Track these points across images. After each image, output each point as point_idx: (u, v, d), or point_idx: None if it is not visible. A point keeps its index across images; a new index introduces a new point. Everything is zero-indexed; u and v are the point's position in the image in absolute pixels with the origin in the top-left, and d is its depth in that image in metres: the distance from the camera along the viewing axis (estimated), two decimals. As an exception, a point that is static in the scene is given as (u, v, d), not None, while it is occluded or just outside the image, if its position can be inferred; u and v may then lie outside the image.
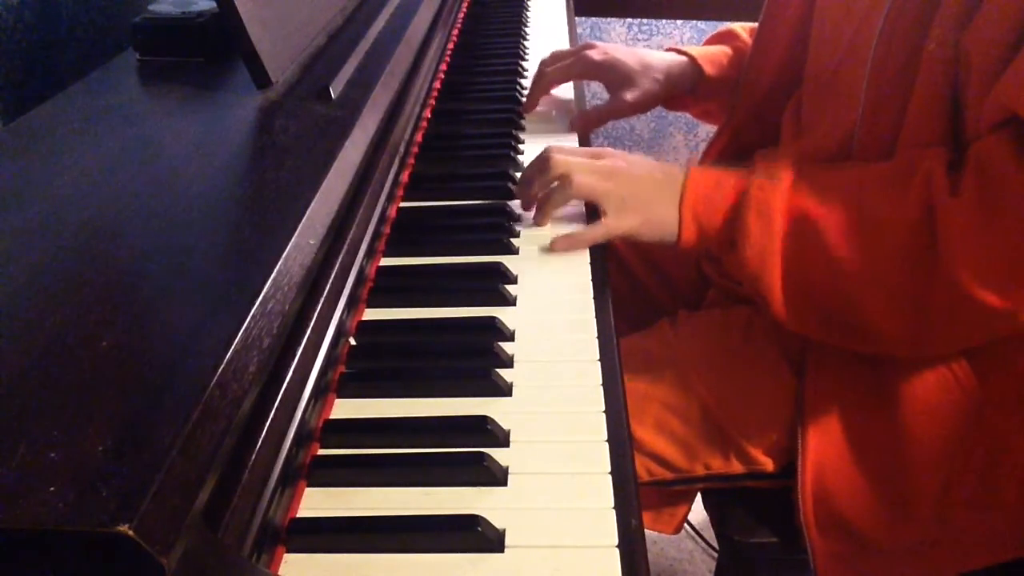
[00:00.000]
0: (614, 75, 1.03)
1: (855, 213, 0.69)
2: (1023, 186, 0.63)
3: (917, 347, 0.73)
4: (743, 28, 1.07)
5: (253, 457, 0.45)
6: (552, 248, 0.76)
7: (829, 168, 0.75)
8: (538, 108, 1.06)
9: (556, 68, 1.04)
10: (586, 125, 1.02)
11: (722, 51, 1.05)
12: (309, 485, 0.53)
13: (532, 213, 0.81)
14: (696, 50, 1.05)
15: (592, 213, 0.81)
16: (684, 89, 1.04)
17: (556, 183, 0.77)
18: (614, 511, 0.51)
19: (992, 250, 0.64)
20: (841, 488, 0.77)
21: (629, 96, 1.02)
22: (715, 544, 1.11)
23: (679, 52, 1.05)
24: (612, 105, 1.04)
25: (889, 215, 0.68)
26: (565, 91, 1.11)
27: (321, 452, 0.56)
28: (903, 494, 0.77)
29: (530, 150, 0.96)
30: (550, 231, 0.79)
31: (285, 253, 0.52)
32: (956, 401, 0.74)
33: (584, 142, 1.00)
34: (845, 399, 0.78)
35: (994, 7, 0.64)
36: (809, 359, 0.80)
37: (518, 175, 0.89)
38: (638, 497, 0.52)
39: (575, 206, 0.82)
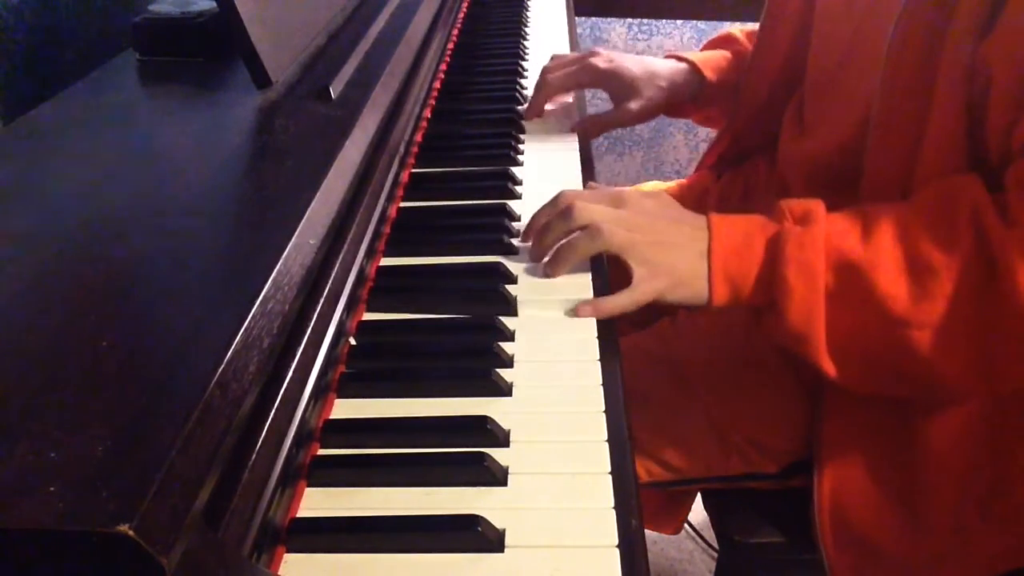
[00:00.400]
0: (619, 83, 1.01)
1: (904, 258, 0.65)
2: None
3: (988, 385, 0.68)
4: (741, 31, 1.07)
5: (253, 457, 0.45)
6: (577, 314, 0.68)
7: (861, 210, 0.70)
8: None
9: (560, 75, 1.02)
10: (587, 133, 1.01)
11: (722, 55, 1.05)
12: (309, 485, 0.53)
13: (542, 260, 0.74)
14: (696, 56, 1.04)
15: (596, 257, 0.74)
16: (686, 96, 1.04)
17: (581, 233, 0.70)
18: (614, 511, 0.51)
19: None
20: (858, 503, 0.77)
21: (634, 105, 1.01)
22: (715, 544, 1.11)
23: (679, 59, 1.05)
24: (616, 114, 1.02)
25: (941, 256, 0.64)
26: (565, 96, 1.11)
27: (321, 452, 0.56)
28: (920, 507, 0.76)
29: (530, 150, 0.96)
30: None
31: (285, 253, 0.52)
32: (973, 415, 0.74)
33: (583, 141, 1.00)
34: (863, 415, 0.77)
35: (1016, 18, 0.63)
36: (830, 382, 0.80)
37: (518, 175, 0.89)
38: (638, 497, 0.52)
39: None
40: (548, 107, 1.06)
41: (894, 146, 0.73)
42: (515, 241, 0.77)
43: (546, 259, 0.73)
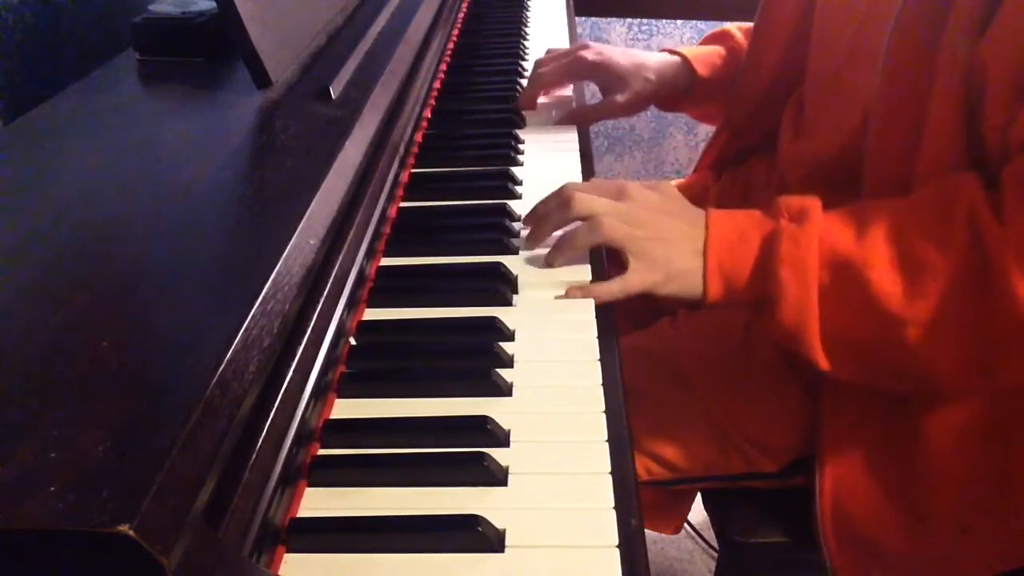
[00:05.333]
0: (607, 75, 1.03)
1: (899, 256, 0.65)
2: None
3: (984, 380, 0.68)
4: (738, 28, 1.07)
5: (253, 457, 0.45)
6: (566, 295, 0.70)
7: (858, 208, 0.70)
8: (539, 102, 1.06)
9: (551, 69, 1.04)
10: (576, 124, 1.02)
11: (716, 51, 1.05)
12: (309, 485, 0.53)
13: (537, 247, 0.76)
14: (689, 51, 1.05)
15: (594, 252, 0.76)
16: (677, 90, 1.05)
17: (582, 224, 0.72)
18: (614, 511, 0.51)
19: None
20: (859, 502, 0.77)
21: (621, 97, 1.02)
22: (715, 544, 1.11)
23: (672, 52, 1.05)
24: (604, 105, 1.04)
25: (937, 255, 0.64)
26: (565, 88, 1.11)
27: (321, 452, 0.56)
28: (922, 507, 0.76)
29: (530, 150, 0.96)
30: (553, 233, 0.76)
31: (285, 253, 0.52)
32: (974, 414, 0.74)
33: (583, 139, 1.00)
34: (863, 414, 0.77)
35: (1012, 18, 0.63)
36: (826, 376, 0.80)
37: (518, 175, 0.89)
38: (638, 497, 0.52)
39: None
40: (542, 100, 1.07)
41: (893, 146, 0.73)
42: (515, 241, 0.77)
43: (549, 250, 0.74)
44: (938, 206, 0.66)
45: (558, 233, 0.75)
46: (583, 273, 0.73)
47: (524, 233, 0.77)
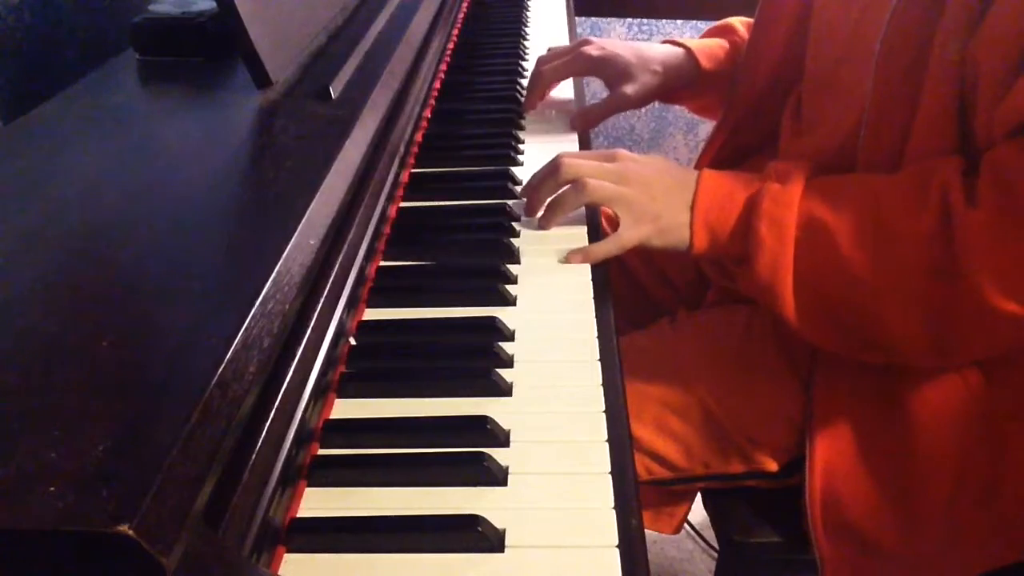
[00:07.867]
0: (612, 70, 1.02)
1: (870, 223, 0.68)
2: None
3: (939, 358, 0.71)
4: (741, 22, 1.07)
5: (253, 457, 0.45)
6: (567, 261, 0.75)
7: (842, 176, 0.74)
8: (537, 108, 1.06)
9: (553, 66, 1.04)
10: (586, 123, 1.02)
11: (719, 44, 1.05)
12: (309, 485, 0.53)
13: (535, 215, 0.80)
14: (692, 42, 1.05)
15: (592, 215, 0.81)
16: (681, 82, 1.04)
17: (568, 187, 0.76)
18: (614, 511, 0.51)
19: (1013, 259, 0.63)
20: (850, 494, 0.77)
21: (628, 90, 1.02)
22: (715, 544, 1.11)
23: (675, 44, 1.05)
24: (611, 101, 1.03)
25: (906, 227, 0.67)
26: (565, 90, 1.11)
27: (321, 452, 0.56)
28: (912, 500, 0.76)
29: (530, 150, 0.96)
30: (553, 232, 0.79)
31: (285, 253, 0.51)
32: (966, 406, 0.74)
33: (584, 140, 1.00)
34: (854, 405, 0.78)
35: (1003, 14, 0.64)
36: (818, 365, 0.80)
37: (518, 175, 0.89)
38: (638, 497, 0.52)
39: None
40: (543, 103, 1.07)
41: (885, 145, 0.74)
42: (515, 241, 0.77)
43: (539, 214, 0.80)
44: (916, 182, 0.69)
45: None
46: (584, 278, 0.73)
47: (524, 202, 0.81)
